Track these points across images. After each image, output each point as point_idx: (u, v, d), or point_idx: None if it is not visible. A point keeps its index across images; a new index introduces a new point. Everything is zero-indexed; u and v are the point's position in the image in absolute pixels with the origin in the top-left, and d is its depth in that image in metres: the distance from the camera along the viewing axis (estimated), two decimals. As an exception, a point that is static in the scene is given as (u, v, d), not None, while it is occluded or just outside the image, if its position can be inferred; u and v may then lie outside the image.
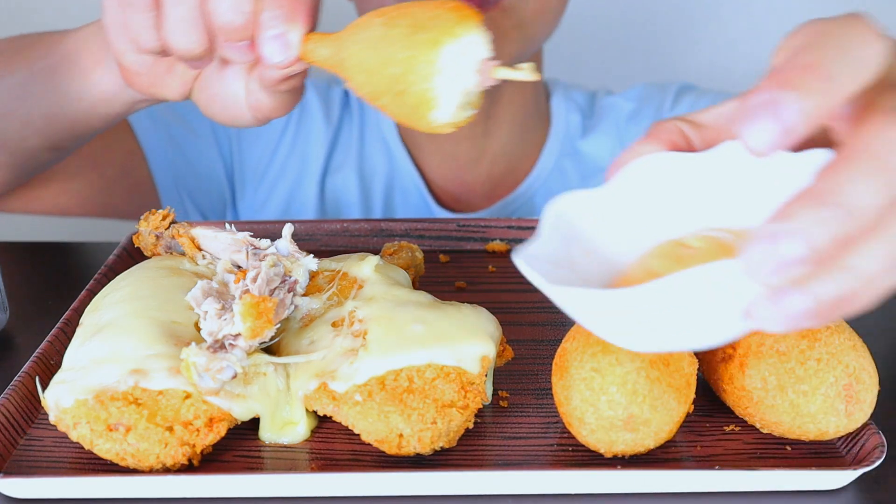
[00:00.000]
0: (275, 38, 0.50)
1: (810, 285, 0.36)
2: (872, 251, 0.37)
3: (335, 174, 1.02)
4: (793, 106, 0.35)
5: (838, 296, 0.37)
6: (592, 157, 1.02)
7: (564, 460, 0.50)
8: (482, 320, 0.53)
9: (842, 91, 0.37)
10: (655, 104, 1.03)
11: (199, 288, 0.52)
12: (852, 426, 0.49)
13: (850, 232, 0.36)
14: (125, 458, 0.47)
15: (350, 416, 0.49)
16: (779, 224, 0.35)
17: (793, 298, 0.36)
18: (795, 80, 0.36)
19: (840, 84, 0.37)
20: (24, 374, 0.54)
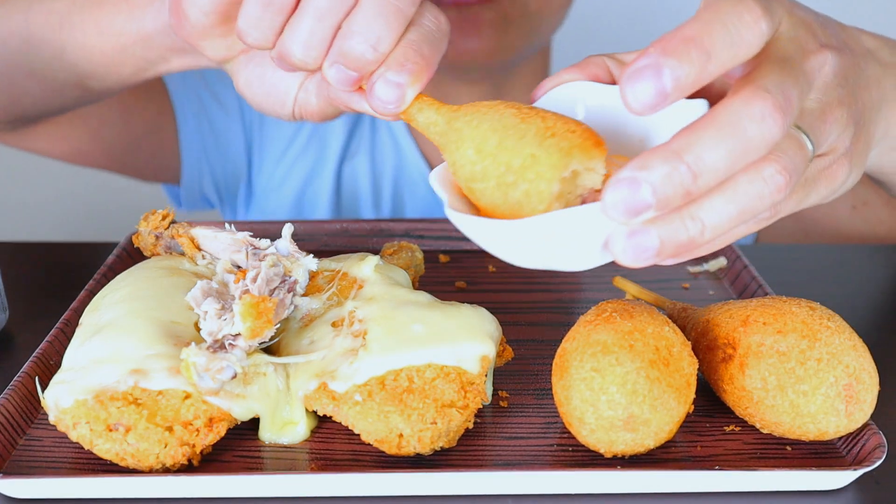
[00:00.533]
0: (395, 85, 0.49)
1: (658, 228, 0.41)
2: (716, 206, 0.42)
3: (351, 161, 1.03)
4: (669, 73, 0.39)
5: (681, 240, 0.42)
6: None
7: (564, 460, 0.50)
8: (482, 320, 0.53)
9: (717, 65, 0.40)
10: None
11: (199, 288, 0.52)
12: (852, 426, 0.48)
13: (693, 188, 0.40)
14: (125, 459, 0.47)
15: (350, 416, 0.49)
16: (634, 171, 0.40)
17: (641, 237, 0.42)
18: (676, 50, 0.39)
19: (716, 59, 0.40)
20: (24, 375, 0.54)
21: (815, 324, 0.49)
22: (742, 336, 0.50)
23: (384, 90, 0.49)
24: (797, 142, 0.44)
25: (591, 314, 0.51)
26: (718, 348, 0.52)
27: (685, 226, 0.42)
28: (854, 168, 0.50)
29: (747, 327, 0.51)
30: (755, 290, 0.66)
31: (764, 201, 0.42)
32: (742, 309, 0.52)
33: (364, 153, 1.03)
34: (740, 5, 0.41)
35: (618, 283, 0.66)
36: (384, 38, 0.48)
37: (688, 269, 0.73)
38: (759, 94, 0.41)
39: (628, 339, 0.47)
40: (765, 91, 0.41)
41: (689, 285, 0.71)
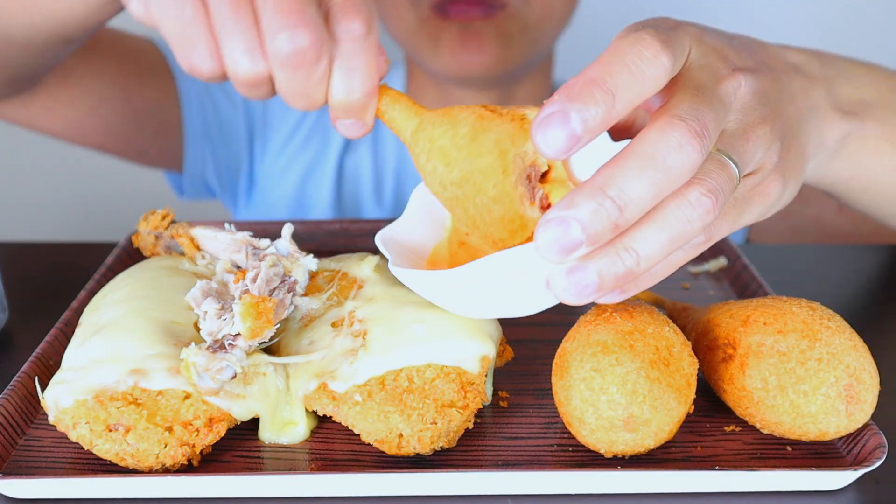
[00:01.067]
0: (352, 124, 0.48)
1: (595, 262, 0.42)
2: (648, 236, 0.42)
3: (353, 153, 1.03)
4: (576, 116, 0.40)
5: (619, 272, 0.42)
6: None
7: (564, 460, 0.50)
8: (482, 320, 0.53)
9: (624, 104, 0.41)
10: None
11: (199, 288, 0.52)
12: (853, 426, 0.48)
13: (621, 220, 0.41)
14: (125, 459, 0.47)
15: (350, 416, 0.49)
16: (562, 211, 0.41)
17: (579, 274, 0.42)
18: (580, 94, 0.40)
19: (621, 97, 0.41)
20: (24, 375, 0.54)
21: (815, 324, 0.49)
22: (742, 336, 0.50)
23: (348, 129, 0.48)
24: (720, 163, 0.44)
25: (591, 314, 0.51)
26: (719, 348, 0.52)
27: (620, 258, 0.42)
28: (788, 182, 0.51)
29: (747, 327, 0.50)
30: (755, 290, 0.66)
31: (694, 225, 0.43)
32: (742, 309, 0.52)
33: (366, 145, 1.03)
34: (639, 43, 0.42)
35: (618, 283, 0.66)
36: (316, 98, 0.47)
37: (688, 269, 0.73)
38: (674, 122, 0.42)
39: (628, 339, 0.47)
40: (679, 119, 0.42)
41: (689, 285, 0.71)
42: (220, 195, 1.06)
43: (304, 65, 0.45)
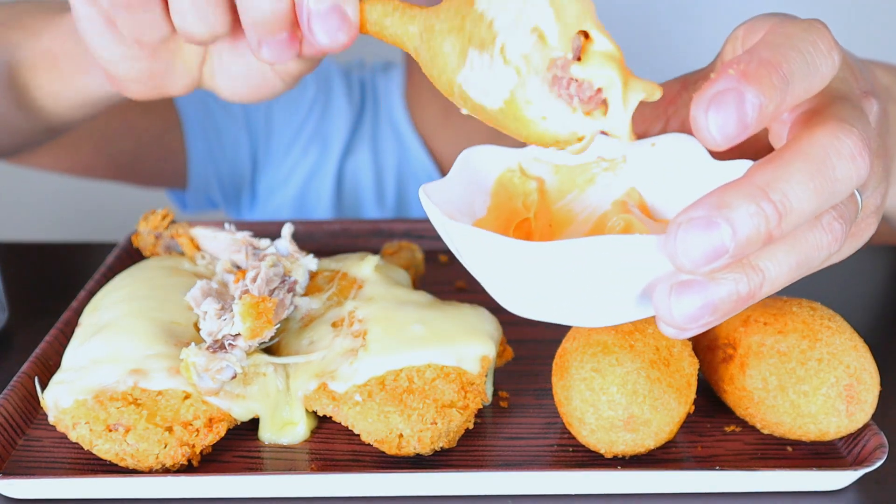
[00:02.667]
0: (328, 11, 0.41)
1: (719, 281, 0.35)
2: (778, 256, 0.36)
3: (353, 156, 1.03)
4: (753, 100, 0.34)
5: (741, 296, 0.36)
6: None
7: (564, 461, 0.50)
8: (482, 320, 0.53)
9: (794, 94, 0.36)
10: None
11: (199, 288, 0.52)
12: (853, 426, 0.48)
13: (777, 231, 0.35)
14: (124, 459, 0.47)
15: (350, 416, 0.49)
16: (711, 209, 0.34)
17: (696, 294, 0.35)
18: (757, 75, 0.34)
19: (794, 87, 0.36)
20: (23, 375, 0.54)
21: (815, 324, 0.49)
22: (742, 336, 0.50)
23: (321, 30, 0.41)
24: None
25: (591, 314, 0.51)
26: (719, 348, 0.52)
27: (747, 277, 0.36)
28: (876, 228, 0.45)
29: (748, 327, 0.50)
30: (755, 290, 0.66)
31: (821, 252, 0.37)
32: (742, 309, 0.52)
33: (366, 148, 1.03)
34: (813, 32, 0.37)
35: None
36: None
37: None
38: (847, 129, 0.36)
39: (628, 339, 0.47)
40: (851, 126, 0.36)
41: (689, 285, 0.71)
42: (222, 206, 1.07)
43: None
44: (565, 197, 0.49)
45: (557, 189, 0.49)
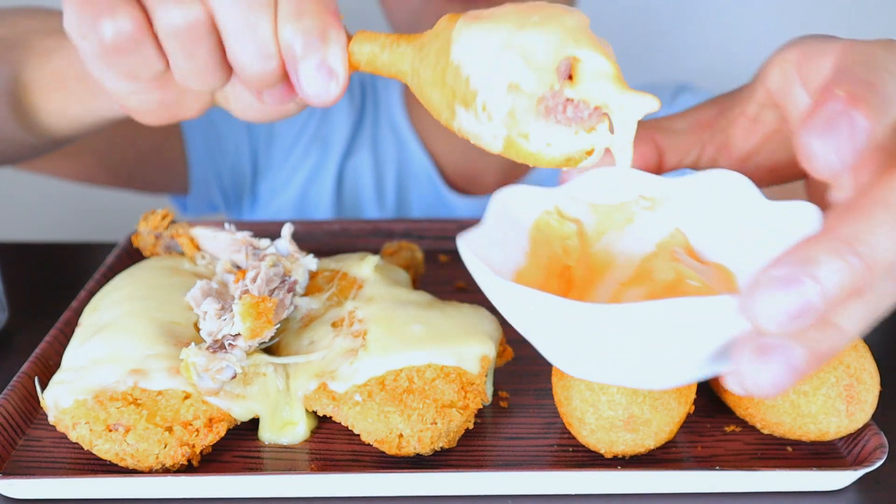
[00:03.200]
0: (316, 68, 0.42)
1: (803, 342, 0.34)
2: (857, 312, 0.35)
3: (353, 158, 1.03)
4: (863, 124, 0.32)
5: (822, 354, 0.34)
6: None
7: (564, 461, 0.50)
8: (482, 320, 0.53)
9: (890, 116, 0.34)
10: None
11: (199, 288, 0.52)
12: (853, 426, 0.48)
13: (861, 286, 0.33)
14: (124, 459, 0.47)
15: (350, 416, 0.49)
16: (796, 266, 0.32)
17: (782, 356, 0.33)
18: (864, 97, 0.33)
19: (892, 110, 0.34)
20: (23, 375, 0.54)
21: (815, 324, 0.49)
22: (742, 336, 0.50)
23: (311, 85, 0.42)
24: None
25: (591, 314, 0.51)
26: (719, 348, 0.52)
27: (827, 336, 0.34)
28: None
29: (748, 327, 0.50)
30: (755, 290, 0.66)
31: (891, 301, 0.36)
32: (742, 309, 0.52)
33: (366, 149, 1.03)
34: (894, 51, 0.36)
35: (618, 283, 0.66)
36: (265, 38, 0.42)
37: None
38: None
39: (628, 339, 0.47)
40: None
41: (689, 285, 0.71)
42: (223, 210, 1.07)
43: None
44: (603, 238, 0.46)
45: (596, 230, 0.46)
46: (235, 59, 0.43)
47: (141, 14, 0.43)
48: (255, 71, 0.43)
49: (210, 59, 0.44)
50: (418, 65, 0.40)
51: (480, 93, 0.37)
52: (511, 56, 0.36)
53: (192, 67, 0.44)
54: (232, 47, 0.43)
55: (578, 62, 0.37)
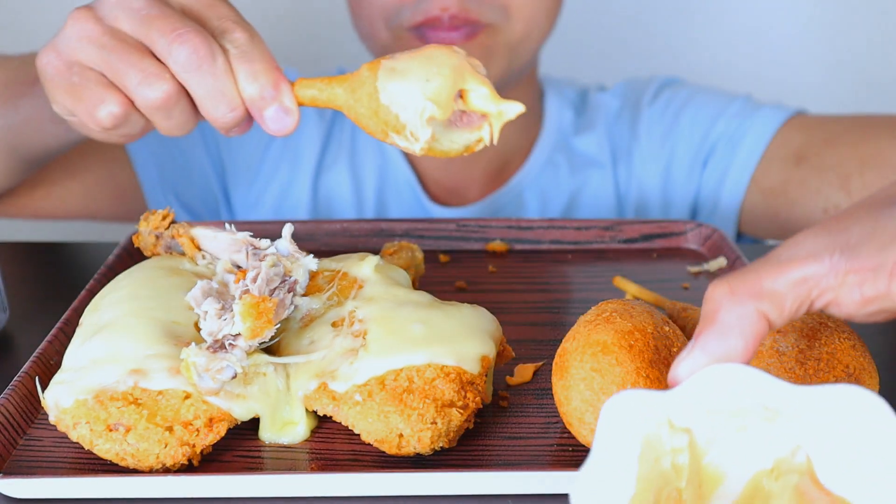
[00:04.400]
0: (277, 111, 0.54)
1: None
2: None
3: (328, 172, 1.01)
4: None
5: None
6: (584, 153, 1.02)
7: (564, 460, 0.50)
8: (482, 320, 0.53)
9: None
10: (633, 100, 1.03)
11: (199, 288, 0.52)
12: (852, 426, 0.48)
13: None
14: (125, 459, 0.47)
15: (350, 416, 0.49)
16: None
17: None
18: None
19: None
20: (24, 375, 0.54)
21: (814, 324, 0.49)
22: (742, 336, 0.50)
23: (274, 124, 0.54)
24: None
25: (591, 314, 0.51)
26: (718, 348, 0.52)
27: None
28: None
29: (747, 327, 0.50)
30: (755, 290, 0.66)
31: None
32: (742, 309, 0.52)
33: (343, 162, 1.01)
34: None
35: (618, 283, 0.66)
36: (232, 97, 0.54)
37: (688, 269, 0.73)
38: None
39: (628, 339, 0.47)
40: None
41: (689, 285, 0.71)
42: None
43: (203, 61, 0.53)
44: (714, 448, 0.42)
45: (707, 439, 0.42)
46: (209, 114, 0.55)
47: (124, 97, 0.55)
48: (227, 120, 0.55)
49: (183, 115, 0.56)
50: (353, 103, 0.53)
51: (408, 126, 0.51)
52: (427, 104, 0.51)
53: (171, 124, 0.56)
54: (206, 107, 0.54)
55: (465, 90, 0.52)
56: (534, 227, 0.77)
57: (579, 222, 0.77)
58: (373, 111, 0.52)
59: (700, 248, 0.77)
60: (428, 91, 0.51)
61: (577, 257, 0.75)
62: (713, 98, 1.01)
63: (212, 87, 0.53)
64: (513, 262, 0.75)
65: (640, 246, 0.77)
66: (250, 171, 1.01)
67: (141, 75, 0.54)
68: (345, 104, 0.53)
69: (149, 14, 0.55)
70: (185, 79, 0.54)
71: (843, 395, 0.40)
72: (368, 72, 0.53)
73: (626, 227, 0.77)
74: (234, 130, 0.56)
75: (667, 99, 1.02)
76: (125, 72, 0.55)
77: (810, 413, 0.40)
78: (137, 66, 0.55)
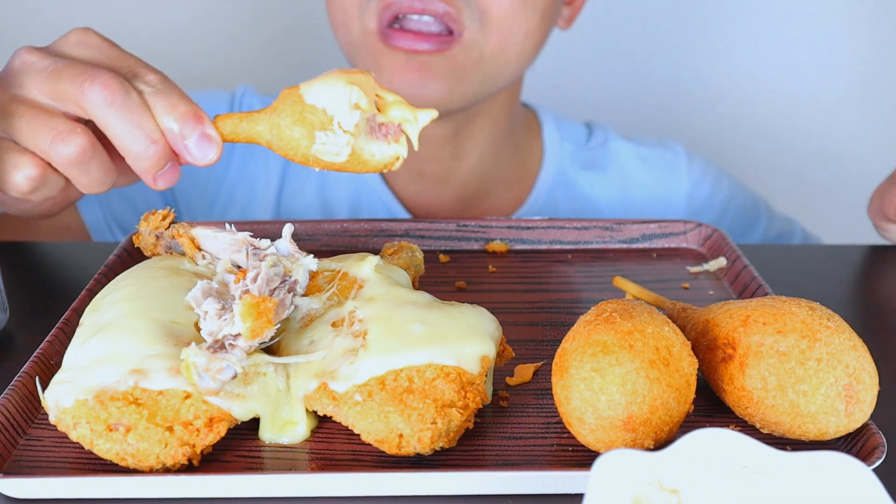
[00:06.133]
0: (200, 139, 0.55)
1: None
2: None
3: (292, 199, 0.99)
4: None
5: None
6: (589, 196, 1.00)
7: (564, 460, 0.50)
8: (482, 320, 0.53)
9: None
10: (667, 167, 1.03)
11: (199, 288, 0.52)
12: (852, 426, 0.49)
13: None
14: (125, 459, 0.47)
15: (350, 416, 0.49)
16: None
17: None
18: None
19: None
20: (24, 375, 0.54)
21: (814, 324, 0.49)
22: (742, 336, 0.51)
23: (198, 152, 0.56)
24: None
25: (591, 314, 0.51)
26: (718, 348, 0.52)
27: None
28: None
29: (747, 327, 0.51)
30: (755, 290, 0.66)
31: None
32: (742, 309, 0.52)
33: (311, 188, 0.98)
34: None
35: (618, 284, 0.66)
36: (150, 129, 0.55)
37: (688, 269, 0.73)
38: None
39: (628, 339, 0.47)
40: None
41: (689, 285, 0.71)
42: None
43: (116, 95, 0.54)
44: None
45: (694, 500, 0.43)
46: (128, 151, 0.55)
47: (39, 159, 0.57)
48: (147, 155, 0.55)
49: (101, 169, 0.57)
50: (276, 120, 0.55)
51: (336, 116, 0.55)
52: (352, 89, 0.55)
53: (89, 180, 0.58)
54: (125, 144, 0.55)
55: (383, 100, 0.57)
56: (534, 227, 0.77)
57: (579, 222, 0.77)
58: (298, 117, 0.55)
59: (700, 248, 0.77)
60: (350, 81, 0.55)
61: (577, 257, 0.75)
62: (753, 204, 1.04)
63: (127, 120, 0.54)
64: (513, 262, 0.75)
65: (640, 246, 0.77)
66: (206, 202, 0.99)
67: (52, 132, 0.56)
68: (267, 126, 0.56)
69: (55, 68, 0.56)
70: (101, 116, 0.55)
71: (831, 462, 0.40)
72: (289, 90, 0.56)
73: (626, 227, 0.77)
74: (161, 180, 0.57)
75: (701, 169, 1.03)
76: (37, 132, 0.56)
77: (797, 479, 0.41)
78: (48, 125, 0.56)
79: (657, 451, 0.42)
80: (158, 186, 0.57)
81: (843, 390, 0.48)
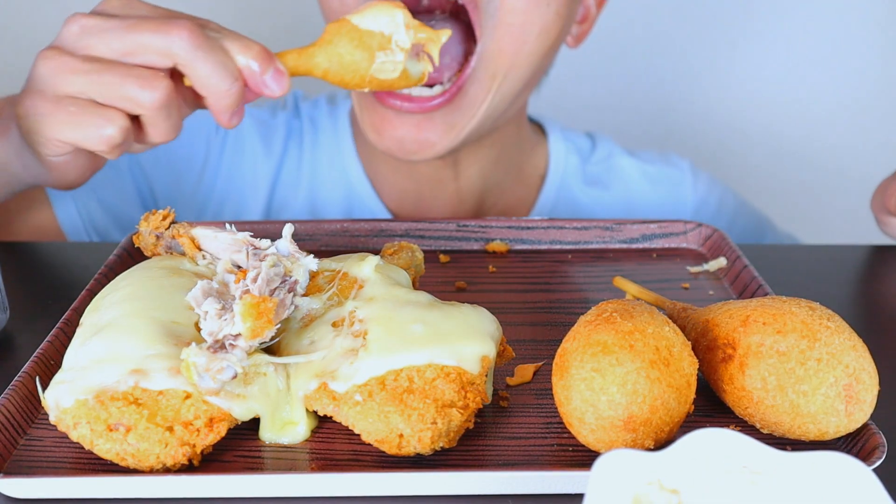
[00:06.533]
0: (275, 74, 0.60)
1: None
2: None
3: (281, 210, 0.98)
4: None
5: None
6: (593, 213, 1.00)
7: (564, 460, 0.50)
8: (482, 320, 0.53)
9: None
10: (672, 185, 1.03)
11: (200, 288, 0.52)
12: (852, 426, 0.49)
13: None
14: (125, 459, 0.47)
15: (350, 416, 0.49)
16: None
17: None
18: None
19: None
20: (25, 375, 0.54)
21: (814, 324, 0.49)
22: (742, 336, 0.51)
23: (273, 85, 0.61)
24: None
25: (591, 314, 0.51)
26: (718, 348, 0.52)
27: None
28: None
29: (747, 327, 0.51)
30: (755, 290, 0.66)
31: None
32: (742, 309, 0.52)
33: (302, 198, 0.98)
34: None
35: (618, 283, 0.66)
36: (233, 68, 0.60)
37: (688, 269, 0.73)
38: None
39: (628, 339, 0.48)
40: None
41: (689, 285, 0.71)
42: None
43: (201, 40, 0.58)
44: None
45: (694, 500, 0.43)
46: (214, 90, 0.59)
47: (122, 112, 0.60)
48: (232, 92, 0.60)
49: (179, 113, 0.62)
50: (334, 49, 0.63)
51: (393, 36, 0.63)
52: (404, 11, 0.64)
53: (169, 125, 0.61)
54: (210, 85, 0.59)
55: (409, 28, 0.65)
56: (534, 227, 0.77)
57: (579, 222, 0.77)
58: (357, 42, 0.62)
59: (700, 248, 0.77)
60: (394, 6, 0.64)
61: (577, 257, 0.76)
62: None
63: (214, 60, 0.58)
64: (513, 262, 0.75)
65: (640, 246, 0.77)
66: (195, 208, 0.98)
67: (139, 80, 0.59)
68: (324, 57, 0.62)
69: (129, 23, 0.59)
70: (189, 59, 0.58)
71: (831, 462, 0.40)
72: (337, 23, 0.63)
73: (626, 227, 0.77)
74: (235, 118, 0.61)
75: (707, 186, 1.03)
76: (123, 82, 0.59)
77: (797, 479, 0.41)
78: (131, 73, 0.59)
79: (657, 451, 0.42)
80: (232, 124, 0.62)
81: (843, 390, 0.48)
